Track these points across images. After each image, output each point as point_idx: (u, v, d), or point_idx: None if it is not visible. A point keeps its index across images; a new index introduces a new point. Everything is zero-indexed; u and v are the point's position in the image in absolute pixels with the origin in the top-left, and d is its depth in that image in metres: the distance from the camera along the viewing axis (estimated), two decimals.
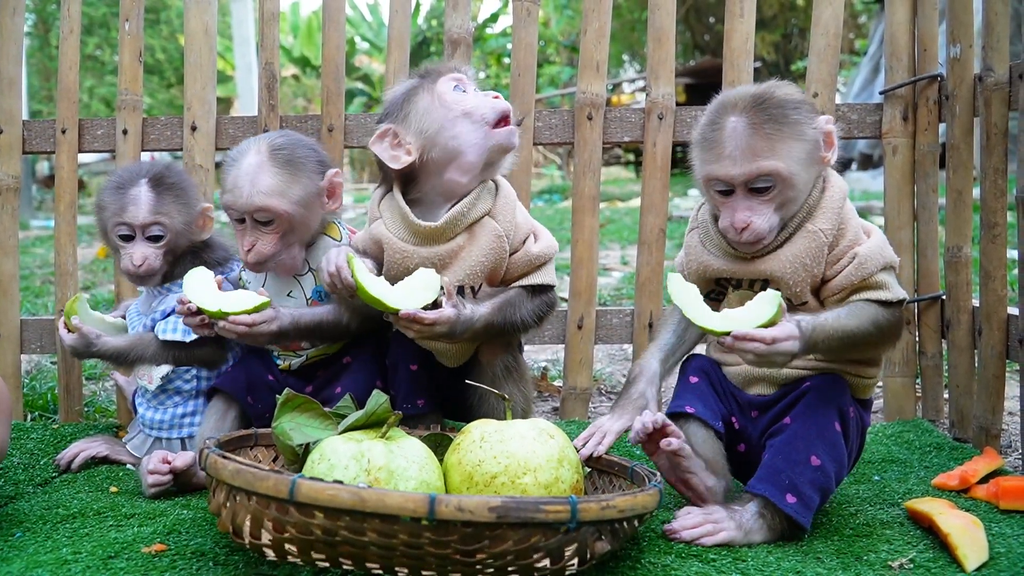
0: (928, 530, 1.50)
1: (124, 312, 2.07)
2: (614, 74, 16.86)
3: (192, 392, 1.94)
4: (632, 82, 16.20)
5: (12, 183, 2.39)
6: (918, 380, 2.34)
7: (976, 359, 2.16)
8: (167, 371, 1.93)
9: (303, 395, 1.53)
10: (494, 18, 16.22)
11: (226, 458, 1.27)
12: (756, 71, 2.39)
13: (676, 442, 1.49)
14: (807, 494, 1.46)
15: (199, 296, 1.68)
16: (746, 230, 1.51)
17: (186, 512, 1.59)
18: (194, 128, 2.37)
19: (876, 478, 1.83)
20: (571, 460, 1.44)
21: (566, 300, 2.37)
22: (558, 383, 2.73)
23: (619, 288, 4.42)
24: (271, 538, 1.25)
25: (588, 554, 1.26)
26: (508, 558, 1.20)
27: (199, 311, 1.70)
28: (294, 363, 1.91)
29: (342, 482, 1.19)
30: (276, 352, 1.92)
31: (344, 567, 1.26)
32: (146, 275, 1.91)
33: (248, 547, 1.29)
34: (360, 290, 1.58)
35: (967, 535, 1.40)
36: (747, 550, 1.42)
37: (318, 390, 1.86)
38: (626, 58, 18.13)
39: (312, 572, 1.29)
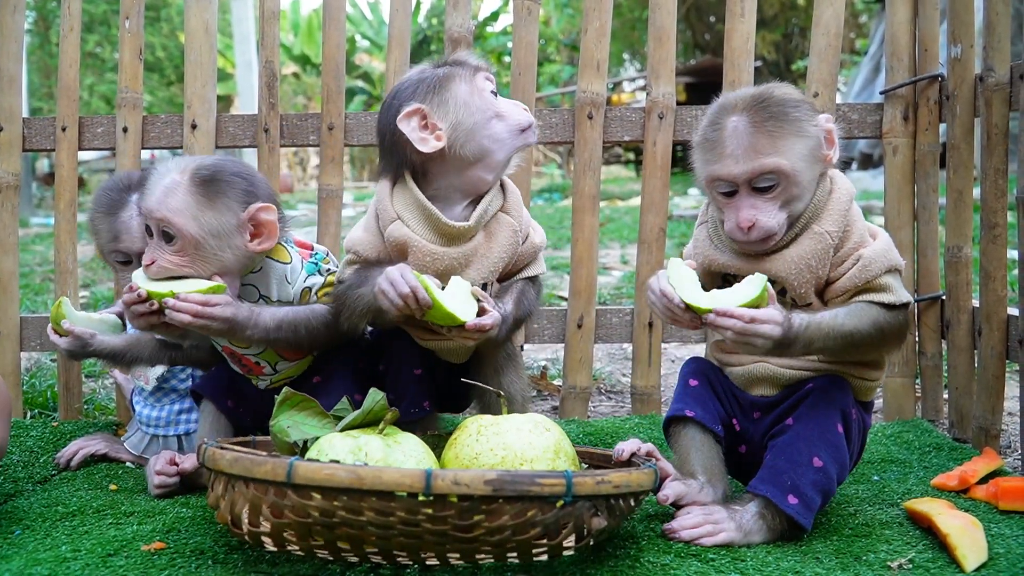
0: (927, 530, 1.50)
1: (123, 309, 2.06)
2: (614, 73, 16.86)
3: (188, 390, 1.94)
4: (633, 81, 16.21)
5: (12, 180, 2.39)
6: (918, 380, 2.34)
7: (976, 359, 2.16)
8: (162, 371, 1.93)
9: (301, 393, 1.53)
10: (495, 16, 16.22)
11: (224, 448, 1.29)
12: (757, 70, 2.39)
13: (671, 494, 1.50)
14: (809, 495, 1.45)
15: (147, 282, 1.60)
16: (752, 228, 1.49)
17: (185, 510, 1.59)
18: (194, 126, 2.37)
19: (875, 478, 1.83)
20: (567, 452, 1.44)
21: (566, 299, 2.37)
22: (558, 382, 2.73)
23: (619, 287, 4.42)
24: (269, 526, 1.25)
25: (585, 530, 1.27)
26: (506, 534, 1.21)
27: (149, 298, 1.59)
28: (261, 385, 1.83)
29: (339, 461, 1.19)
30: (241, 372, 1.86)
31: (343, 553, 1.26)
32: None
33: (247, 538, 1.29)
34: (436, 308, 1.54)
35: (966, 535, 1.40)
36: (746, 550, 1.42)
37: None
38: (627, 57, 18.13)
39: (311, 566, 1.29)
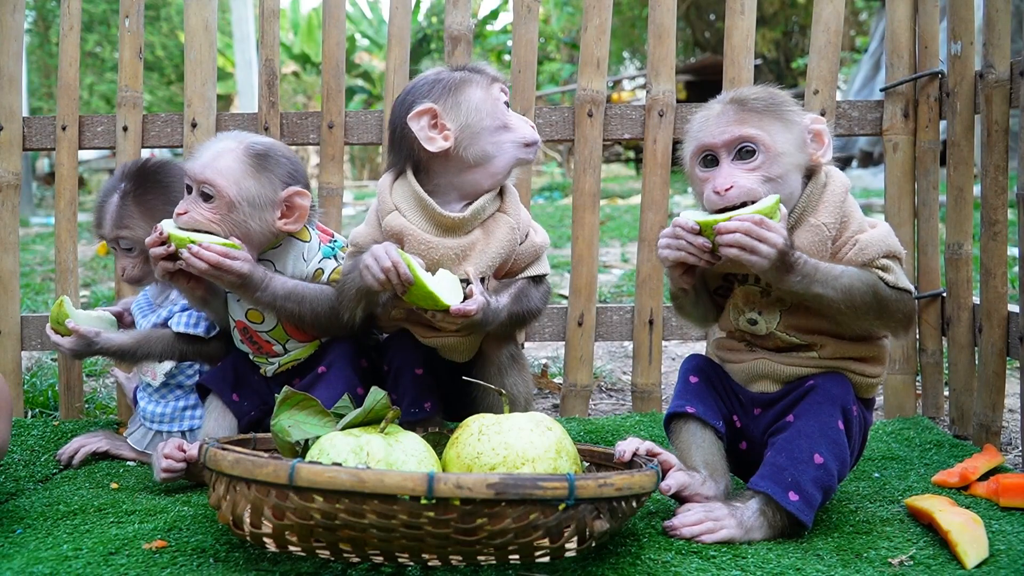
0: (928, 527, 1.50)
1: (124, 308, 2.07)
2: (614, 71, 16.85)
3: (193, 386, 1.94)
4: (633, 79, 16.19)
5: (12, 180, 2.39)
6: (918, 377, 2.34)
7: (976, 356, 2.16)
8: (171, 367, 1.93)
9: (301, 392, 1.53)
10: (494, 15, 16.21)
11: (225, 449, 1.28)
12: (757, 68, 2.39)
13: (673, 484, 1.50)
14: (809, 492, 1.46)
15: (174, 227, 1.68)
16: (731, 189, 1.50)
17: (187, 509, 1.59)
18: (194, 125, 2.37)
19: (876, 475, 1.83)
20: (569, 451, 1.44)
21: (566, 297, 2.37)
22: (558, 380, 2.73)
23: (619, 285, 4.42)
24: (271, 527, 1.25)
25: (587, 532, 1.27)
26: (508, 536, 1.21)
27: (169, 239, 1.65)
28: (269, 370, 1.86)
29: (341, 464, 1.19)
30: (251, 355, 1.89)
31: (344, 555, 1.26)
32: (131, 283, 1.95)
33: (248, 538, 1.29)
34: (417, 285, 1.57)
35: (967, 532, 1.40)
36: (747, 547, 1.42)
37: None
38: (627, 55, 18.12)
39: (312, 565, 1.29)
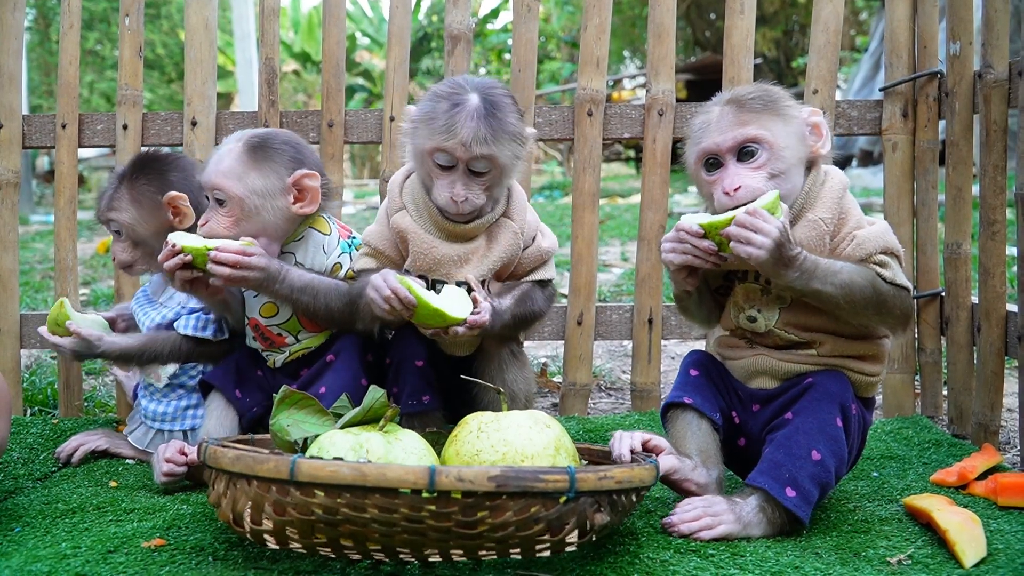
0: (926, 526, 1.50)
1: (118, 314, 2.07)
2: (614, 70, 16.84)
3: (196, 386, 1.94)
4: (632, 78, 16.18)
5: (12, 178, 2.39)
6: (917, 376, 2.34)
7: (975, 356, 2.16)
8: (174, 369, 1.93)
9: (300, 392, 1.53)
10: (495, 14, 16.20)
11: (225, 446, 1.28)
12: (756, 67, 2.39)
13: (662, 466, 1.50)
14: (806, 488, 1.46)
15: (185, 238, 1.70)
16: (739, 190, 1.52)
17: (185, 507, 1.59)
18: (194, 123, 2.37)
19: (875, 474, 1.83)
20: (568, 449, 1.44)
21: (566, 296, 2.37)
22: (557, 379, 2.74)
23: (619, 284, 4.42)
24: (272, 523, 1.25)
25: (588, 525, 1.27)
26: (509, 530, 1.21)
27: (183, 251, 1.68)
28: (278, 360, 1.88)
29: (342, 459, 1.19)
30: (259, 351, 1.91)
31: (345, 550, 1.26)
32: (121, 268, 1.96)
33: (248, 535, 1.29)
34: (422, 306, 1.58)
35: (965, 531, 1.40)
36: (746, 545, 1.42)
37: (303, 388, 1.83)
38: (626, 54, 18.11)
39: (312, 563, 1.29)
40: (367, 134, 2.40)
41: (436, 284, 1.75)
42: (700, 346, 2.41)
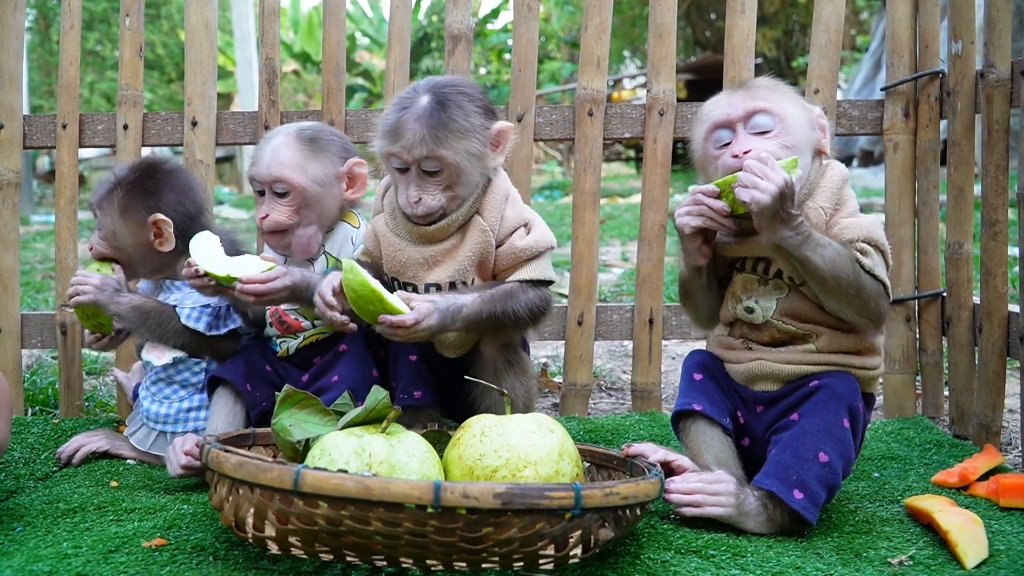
0: (928, 527, 1.50)
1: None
2: (615, 70, 16.83)
3: (199, 385, 1.95)
4: (633, 78, 16.18)
5: (13, 178, 2.39)
6: (918, 377, 2.34)
7: (976, 356, 2.16)
8: (174, 356, 1.93)
9: (303, 391, 1.53)
10: (495, 14, 16.19)
11: (228, 451, 1.27)
12: (757, 67, 2.39)
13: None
14: (814, 490, 1.46)
15: (207, 261, 1.70)
16: (749, 152, 1.52)
17: (186, 507, 1.59)
18: (194, 123, 2.37)
19: (876, 475, 1.83)
20: (571, 454, 1.44)
21: (566, 296, 2.37)
22: (558, 379, 2.73)
23: (619, 284, 4.42)
24: (274, 530, 1.25)
25: (592, 541, 1.27)
26: (513, 545, 1.20)
27: (206, 274, 1.70)
28: (292, 346, 1.92)
29: (346, 471, 1.19)
30: (274, 338, 1.94)
31: (348, 559, 1.26)
32: (96, 258, 1.94)
33: (251, 540, 1.29)
34: (362, 295, 1.57)
35: (967, 532, 1.40)
36: (747, 545, 1.42)
37: (314, 378, 1.87)
38: (627, 54, 18.10)
39: (313, 565, 1.29)
40: (367, 134, 2.39)
41: (407, 287, 1.77)
42: (701, 346, 2.41)
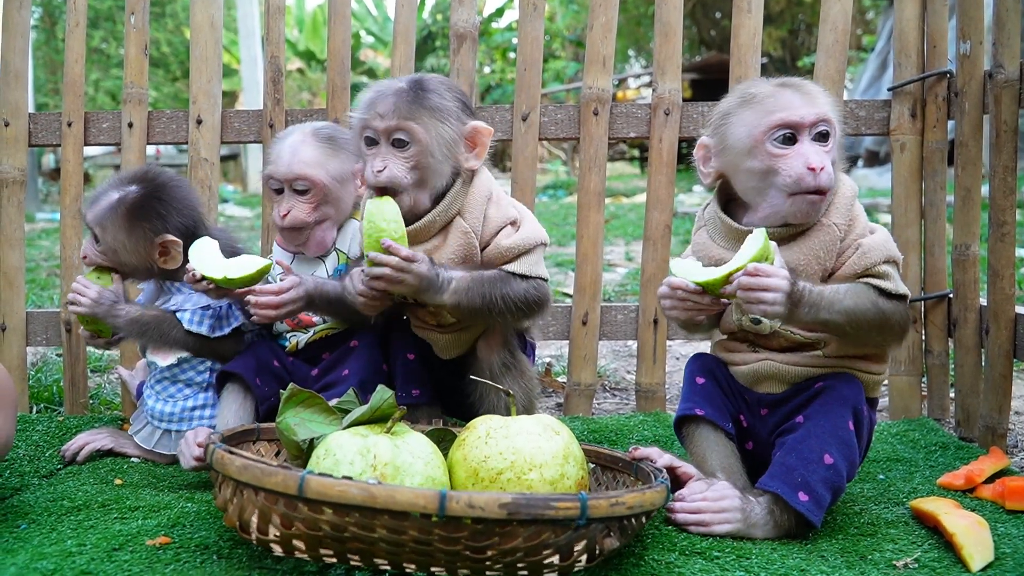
0: (933, 530, 1.50)
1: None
2: (620, 69, 16.82)
3: (203, 384, 1.95)
4: (638, 77, 16.16)
5: (18, 176, 2.39)
6: (924, 379, 2.33)
7: (983, 358, 2.15)
8: (178, 357, 1.93)
9: (307, 390, 1.52)
10: (500, 12, 16.18)
11: (233, 453, 1.27)
12: (763, 67, 2.38)
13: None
14: (819, 492, 1.45)
15: (203, 265, 1.76)
16: (823, 171, 1.48)
17: (190, 505, 1.59)
18: (199, 121, 2.37)
19: (881, 477, 1.82)
20: (576, 456, 1.43)
21: (570, 296, 2.37)
22: (562, 379, 2.73)
23: (624, 284, 4.42)
24: (278, 534, 1.24)
25: (597, 550, 1.26)
26: (518, 555, 1.20)
27: (204, 278, 1.75)
28: (301, 340, 1.93)
29: (351, 478, 1.18)
30: (284, 332, 1.96)
31: (352, 563, 1.26)
32: (89, 265, 1.93)
33: (255, 543, 1.29)
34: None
35: (972, 535, 1.40)
36: (751, 547, 1.41)
37: (324, 372, 1.88)
38: (632, 53, 18.08)
39: (317, 566, 1.29)
40: None
41: None
42: (705, 346, 2.41)
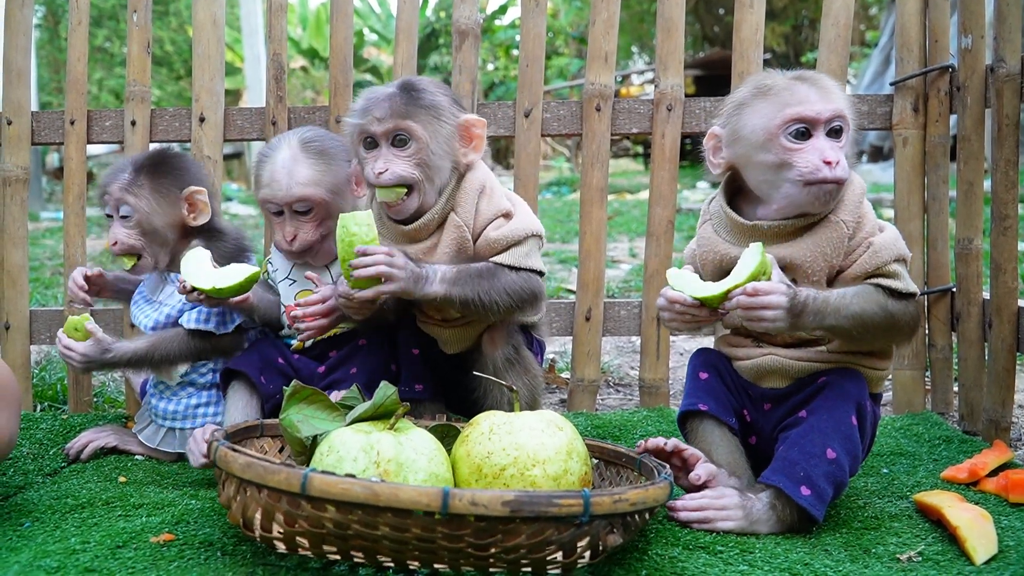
0: (937, 523, 1.50)
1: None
2: (623, 65, 16.80)
3: (206, 384, 1.95)
4: (641, 73, 16.15)
5: (21, 174, 2.39)
6: (927, 373, 2.33)
7: (986, 352, 2.14)
8: (185, 367, 1.93)
9: (310, 387, 1.53)
10: (503, 9, 16.17)
11: (236, 451, 1.27)
12: (766, 62, 2.38)
13: (703, 474, 1.51)
14: (821, 486, 1.45)
15: (192, 276, 1.76)
16: (838, 165, 1.48)
17: (194, 502, 1.60)
18: (202, 119, 2.38)
19: (885, 471, 1.82)
20: (580, 452, 1.44)
21: (574, 292, 2.37)
22: (566, 375, 2.73)
23: (627, 280, 4.42)
24: (282, 531, 1.25)
25: (600, 547, 1.26)
26: (521, 551, 1.20)
27: (195, 289, 1.75)
28: (307, 340, 1.91)
29: (354, 476, 1.18)
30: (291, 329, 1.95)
31: (355, 560, 1.26)
32: (121, 254, 1.93)
33: (259, 540, 1.29)
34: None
35: (976, 528, 1.40)
36: (755, 542, 1.42)
37: (331, 370, 1.88)
38: (635, 49, 18.07)
39: (320, 563, 1.29)
40: None
41: None
42: (709, 341, 2.41)
